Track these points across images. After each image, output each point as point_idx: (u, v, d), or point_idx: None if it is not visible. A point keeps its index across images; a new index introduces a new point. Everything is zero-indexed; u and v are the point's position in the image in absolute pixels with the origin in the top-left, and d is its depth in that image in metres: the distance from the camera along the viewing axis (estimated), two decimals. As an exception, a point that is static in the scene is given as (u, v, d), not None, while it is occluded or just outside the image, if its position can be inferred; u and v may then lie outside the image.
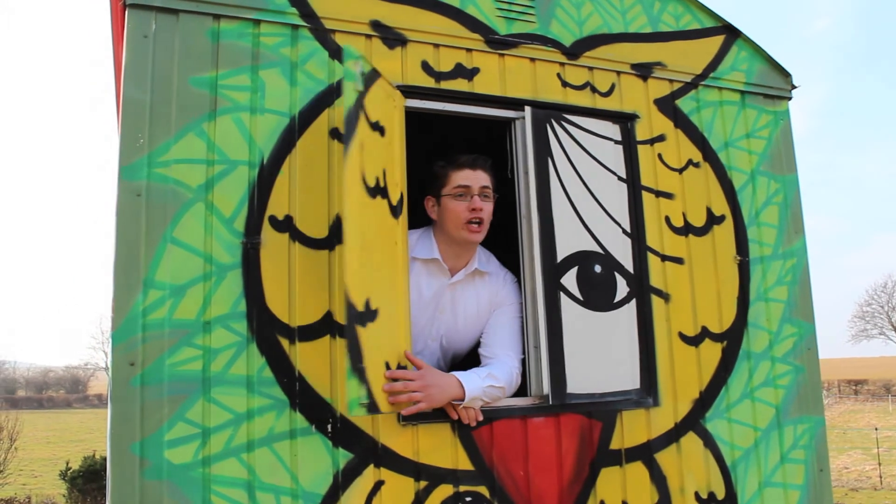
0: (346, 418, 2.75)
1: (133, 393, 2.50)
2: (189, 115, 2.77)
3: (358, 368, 2.47)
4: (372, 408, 2.52)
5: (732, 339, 3.54)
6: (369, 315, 2.59)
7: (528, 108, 3.23)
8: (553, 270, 3.13)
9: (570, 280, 3.16)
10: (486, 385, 2.89)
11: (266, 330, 2.72)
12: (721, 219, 3.65)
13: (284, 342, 2.74)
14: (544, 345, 3.04)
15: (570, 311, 3.14)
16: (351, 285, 2.50)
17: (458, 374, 2.86)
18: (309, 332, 2.76)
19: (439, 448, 2.89)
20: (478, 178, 3.08)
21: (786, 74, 3.97)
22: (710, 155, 3.70)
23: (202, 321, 2.65)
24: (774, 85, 3.94)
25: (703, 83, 3.75)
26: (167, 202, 2.68)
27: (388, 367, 2.66)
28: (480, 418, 2.92)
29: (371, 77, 2.78)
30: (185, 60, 2.79)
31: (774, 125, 3.91)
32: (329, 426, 2.73)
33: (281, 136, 2.88)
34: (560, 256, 3.16)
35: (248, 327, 2.70)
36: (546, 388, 3.03)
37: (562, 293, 3.13)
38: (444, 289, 3.20)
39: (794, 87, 3.99)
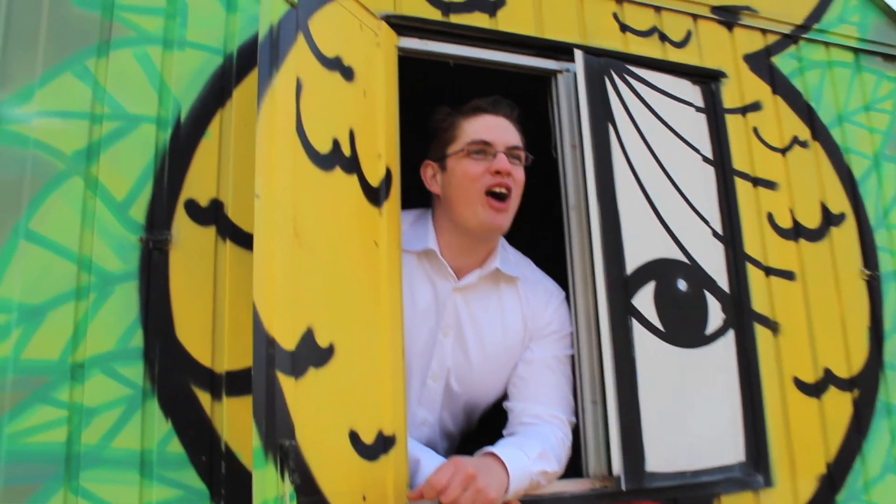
0: (303, 519, 1.72)
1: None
2: (67, 46, 1.83)
3: (278, 447, 1.46)
4: None
5: (866, 387, 2.52)
6: (314, 356, 1.61)
7: (579, 54, 2.24)
8: (621, 287, 2.10)
9: (644, 301, 2.14)
10: (536, 471, 1.86)
11: (175, 377, 1.73)
12: (840, 218, 2.65)
13: (204, 397, 1.74)
14: (613, 400, 2.01)
15: (646, 348, 2.11)
16: (267, 304, 1.51)
17: (499, 452, 1.84)
18: (243, 382, 1.74)
19: (451, 563, 1.84)
20: (502, 130, 2.06)
21: (909, 31, 2.99)
22: (820, 131, 2.72)
23: (70, 363, 1.66)
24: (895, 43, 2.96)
25: (804, 37, 2.77)
26: (24, 177, 1.73)
27: (356, 440, 1.64)
28: (516, 517, 1.87)
29: (329, -9, 1.83)
30: (65, -33, 1.85)
31: (899, 96, 2.92)
32: (274, 532, 1.71)
33: (209, 82, 1.91)
34: (630, 267, 2.14)
35: (145, 373, 1.71)
36: (616, 467, 1.98)
37: (634, 320, 2.10)
38: (448, 297, 2.13)
39: (920, 47, 3.00)
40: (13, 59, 1.77)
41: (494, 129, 2.04)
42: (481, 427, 2.32)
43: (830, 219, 2.62)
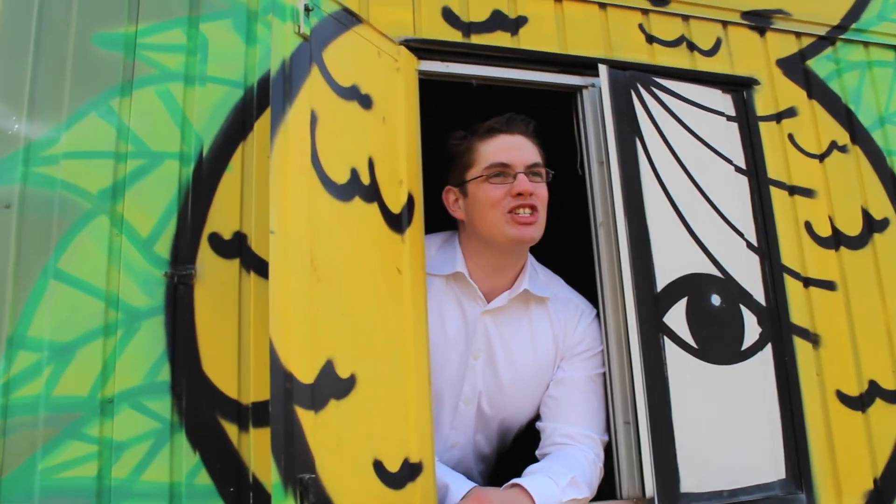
0: (331, 549, 1.72)
1: (-27, 522, 1.56)
2: (91, 87, 1.88)
3: (297, 482, 1.47)
4: None
5: (915, 399, 2.42)
6: (334, 388, 1.62)
7: (603, 69, 2.20)
8: (652, 304, 2.07)
9: (676, 318, 2.09)
10: (566, 500, 1.84)
11: (202, 410, 1.75)
12: (883, 224, 2.56)
13: (231, 429, 1.76)
14: (644, 419, 1.97)
15: (679, 366, 2.06)
16: (284, 339, 1.52)
17: (526, 484, 1.83)
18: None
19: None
20: (519, 149, 2.02)
21: (954, 25, 2.87)
22: (860, 135, 2.63)
23: (100, 399, 1.70)
24: (940, 39, 2.85)
25: (842, 37, 2.69)
26: (52, 217, 1.78)
27: (381, 469, 1.64)
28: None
29: (340, 20, 1.84)
30: (88, 9, 1.91)
31: (944, 94, 2.81)
32: (303, 563, 1.72)
33: (230, 115, 1.94)
34: (661, 283, 2.10)
35: (173, 407, 1.74)
36: (650, 487, 1.95)
37: (666, 338, 2.06)
38: (478, 320, 2.12)
39: (966, 41, 2.89)
40: (40, 103, 1.82)
41: (511, 150, 2.01)
42: (517, 446, 2.30)
43: (873, 225, 2.54)
